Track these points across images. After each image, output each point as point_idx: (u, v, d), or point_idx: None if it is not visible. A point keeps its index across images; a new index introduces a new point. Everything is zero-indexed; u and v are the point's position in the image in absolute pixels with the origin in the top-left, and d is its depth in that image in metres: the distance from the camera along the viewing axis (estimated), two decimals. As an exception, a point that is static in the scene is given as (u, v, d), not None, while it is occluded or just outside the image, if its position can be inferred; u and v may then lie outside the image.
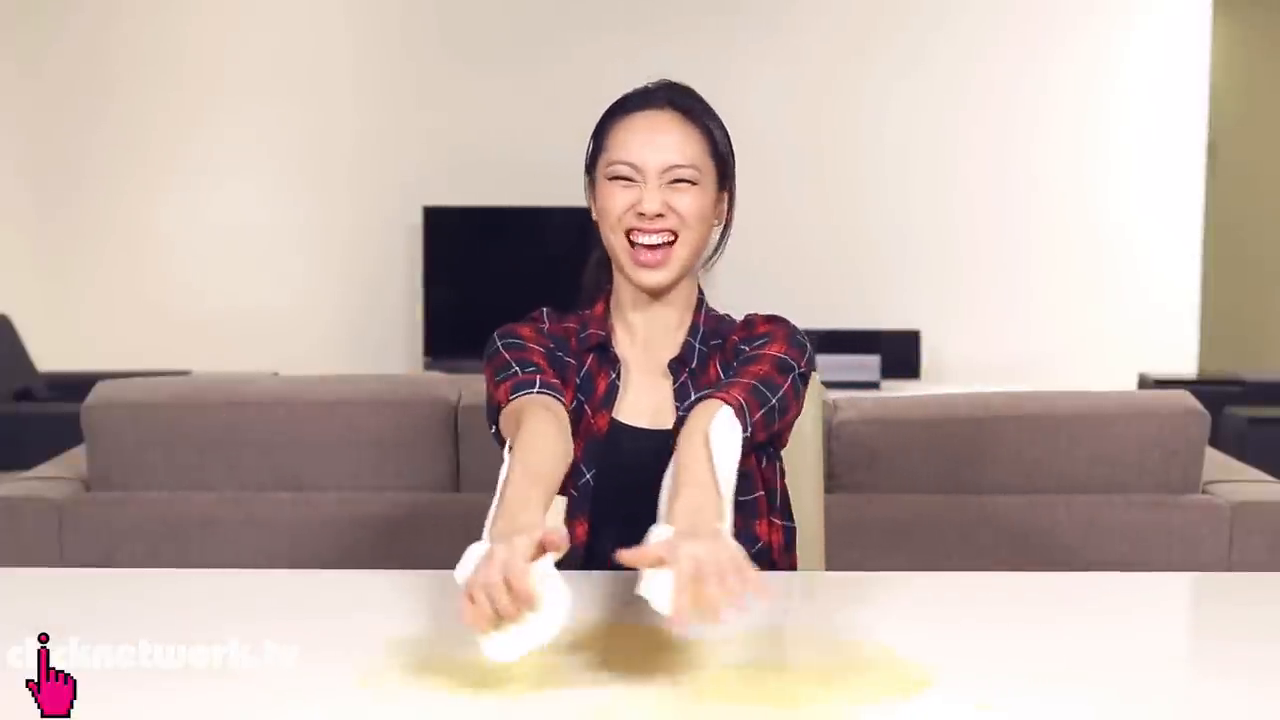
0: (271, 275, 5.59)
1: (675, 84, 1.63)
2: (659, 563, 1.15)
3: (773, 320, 1.63)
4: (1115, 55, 5.48)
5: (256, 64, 5.51)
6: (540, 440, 1.39)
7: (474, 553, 1.19)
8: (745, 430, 1.43)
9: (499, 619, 1.13)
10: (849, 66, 5.47)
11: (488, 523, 1.27)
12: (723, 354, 1.62)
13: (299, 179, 5.59)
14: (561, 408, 1.50)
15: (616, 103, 1.64)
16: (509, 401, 1.51)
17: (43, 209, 5.54)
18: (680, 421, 1.51)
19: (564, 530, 1.22)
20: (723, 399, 1.44)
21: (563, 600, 1.15)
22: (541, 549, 1.17)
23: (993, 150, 5.46)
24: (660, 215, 1.55)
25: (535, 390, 1.50)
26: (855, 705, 1.11)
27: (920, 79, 5.45)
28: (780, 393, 1.51)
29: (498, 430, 1.56)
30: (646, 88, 1.63)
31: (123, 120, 5.51)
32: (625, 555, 1.16)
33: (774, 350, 1.55)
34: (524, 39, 5.47)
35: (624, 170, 1.56)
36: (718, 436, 1.37)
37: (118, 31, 5.50)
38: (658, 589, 1.13)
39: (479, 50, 5.47)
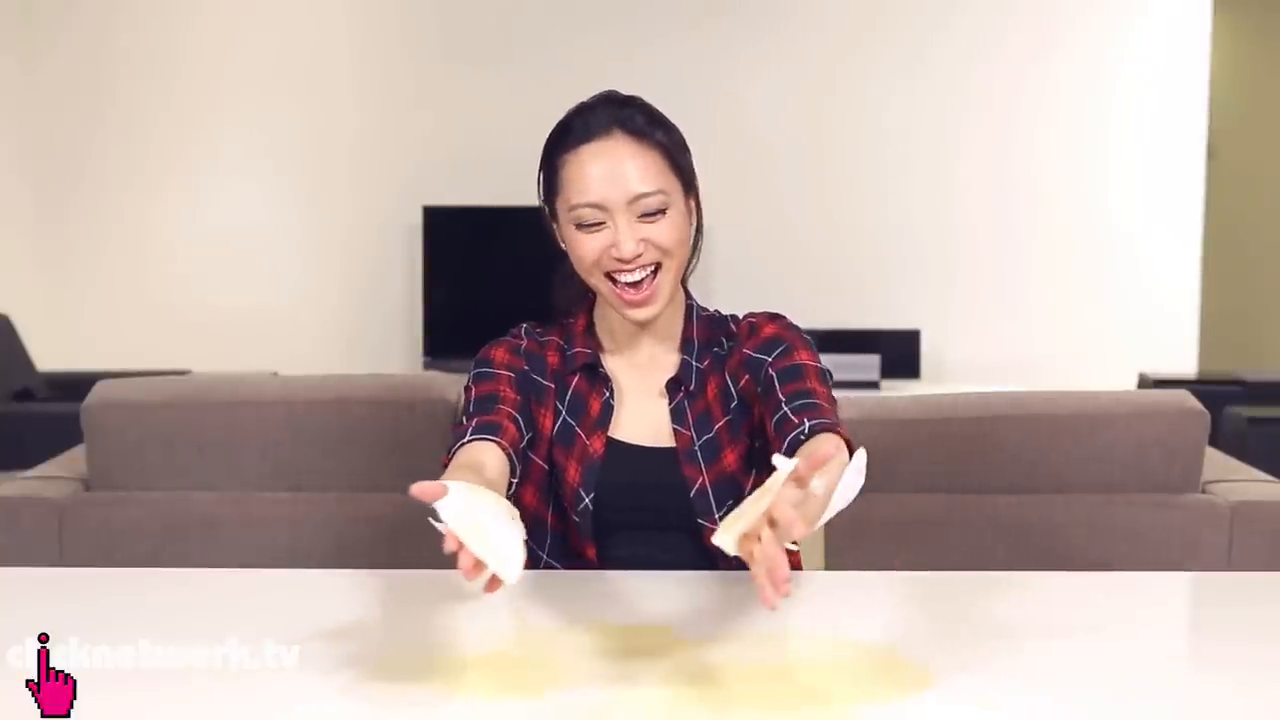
0: (271, 275, 5.59)
1: (615, 98, 1.51)
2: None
3: (774, 320, 1.59)
4: (1115, 55, 5.48)
5: (257, 65, 5.51)
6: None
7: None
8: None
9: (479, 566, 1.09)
10: (850, 66, 5.47)
11: None
12: (725, 366, 1.57)
13: (299, 179, 5.59)
14: (488, 450, 1.42)
15: (559, 132, 1.51)
16: (449, 456, 1.44)
17: (43, 209, 5.54)
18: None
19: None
20: (848, 441, 1.37)
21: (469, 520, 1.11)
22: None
23: (993, 150, 5.46)
24: (639, 254, 1.47)
25: (466, 440, 1.44)
26: (855, 705, 1.11)
27: (920, 79, 5.45)
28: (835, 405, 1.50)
29: None
30: (584, 108, 1.51)
31: (123, 120, 5.51)
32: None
33: (803, 359, 1.52)
34: (522, 39, 5.47)
35: (589, 215, 1.47)
36: (852, 471, 1.26)
37: (118, 32, 5.50)
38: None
39: (478, 51, 5.47)
